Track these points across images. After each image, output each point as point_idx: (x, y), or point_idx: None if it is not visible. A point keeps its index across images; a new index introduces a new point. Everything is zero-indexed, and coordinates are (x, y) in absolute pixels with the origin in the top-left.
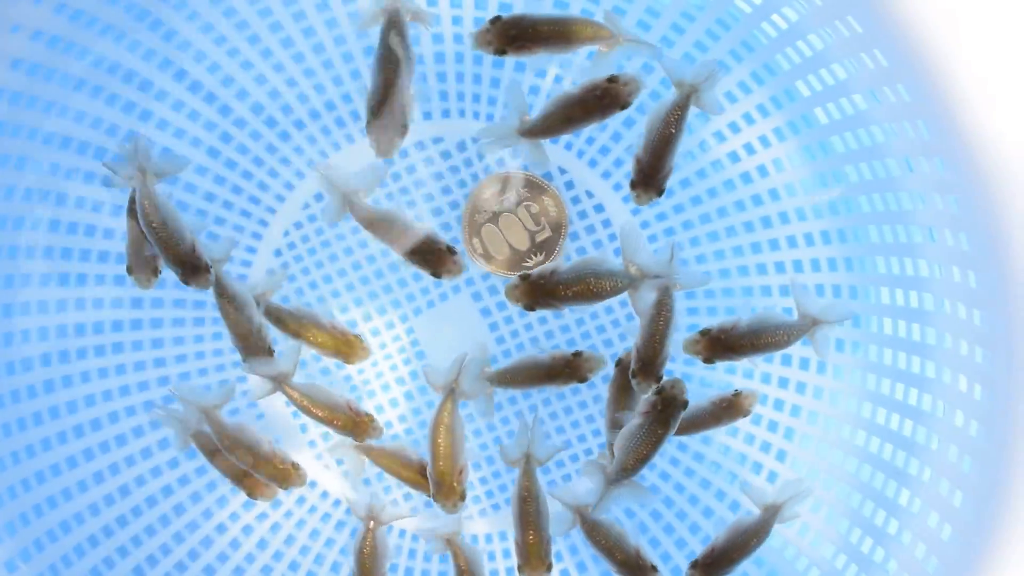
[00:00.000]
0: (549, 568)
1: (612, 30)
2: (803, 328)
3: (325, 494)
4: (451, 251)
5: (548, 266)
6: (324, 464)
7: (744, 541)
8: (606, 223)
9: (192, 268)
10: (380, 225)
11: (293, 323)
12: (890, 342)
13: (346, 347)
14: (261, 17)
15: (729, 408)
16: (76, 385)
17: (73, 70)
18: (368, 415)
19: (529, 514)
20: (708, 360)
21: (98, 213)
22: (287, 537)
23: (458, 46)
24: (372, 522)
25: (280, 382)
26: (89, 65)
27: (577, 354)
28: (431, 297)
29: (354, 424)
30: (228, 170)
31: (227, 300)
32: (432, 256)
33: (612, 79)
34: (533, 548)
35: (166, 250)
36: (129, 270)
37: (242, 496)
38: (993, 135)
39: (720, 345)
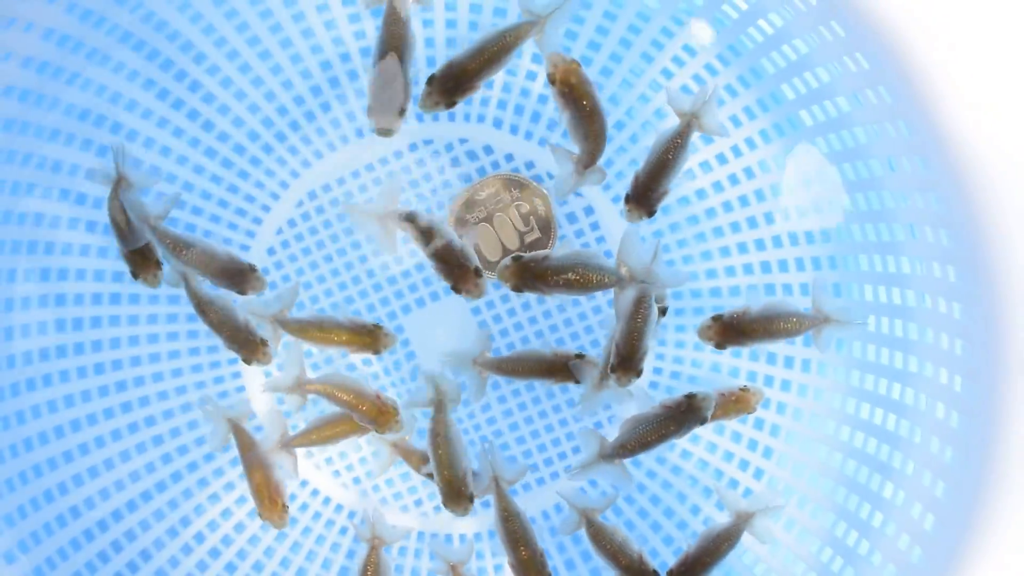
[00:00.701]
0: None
1: (530, 18)
2: (815, 321)
3: (316, 491)
4: (477, 273)
5: (541, 252)
6: (315, 464)
7: (715, 546)
8: (594, 225)
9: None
10: (431, 235)
11: (314, 330)
12: (873, 338)
13: (370, 338)
14: (262, 19)
15: (737, 403)
16: (72, 380)
17: (79, 68)
18: (394, 407)
19: (515, 532)
20: (720, 345)
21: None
22: (278, 533)
23: (450, 50)
24: (376, 540)
25: (301, 385)
26: (96, 64)
27: (580, 356)
28: (421, 295)
29: (378, 412)
30: (224, 169)
31: (205, 306)
32: (459, 271)
33: (551, 76)
34: (529, 563)
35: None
36: (134, 275)
37: (235, 493)
38: (969, 134)
39: (732, 330)
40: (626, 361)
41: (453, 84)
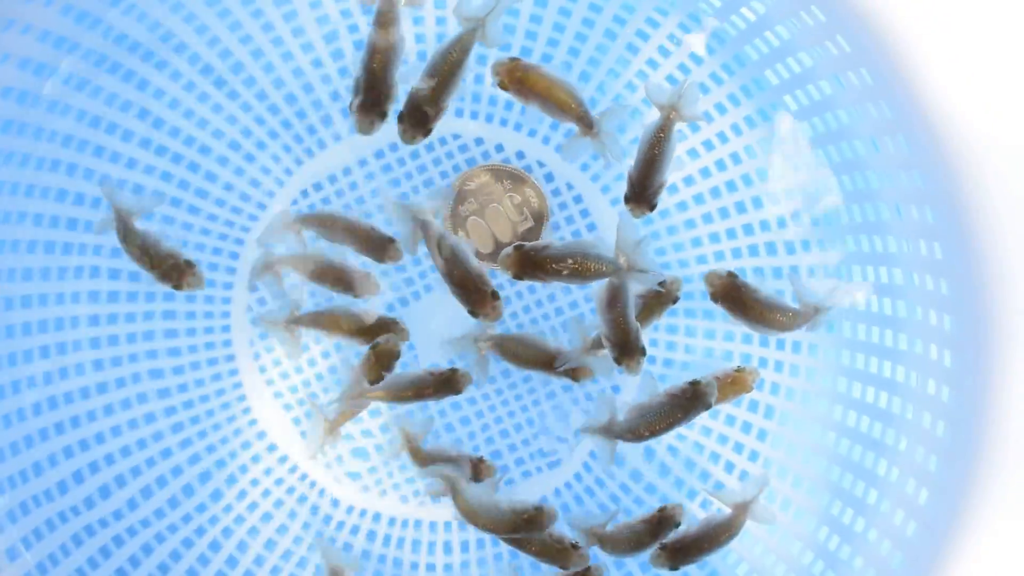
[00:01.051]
0: (576, 548)
1: (470, 24)
2: (807, 314)
3: (313, 483)
4: (494, 296)
5: (542, 241)
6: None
7: (715, 534)
8: (584, 213)
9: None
10: (452, 259)
11: (325, 320)
12: (863, 317)
13: (381, 331)
14: (254, 18)
15: (734, 384)
16: (71, 377)
17: (75, 69)
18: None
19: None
20: (714, 296)
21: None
22: (279, 526)
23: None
24: None
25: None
26: (92, 65)
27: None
28: (416, 288)
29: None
30: (220, 166)
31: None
32: (476, 295)
33: (502, 84)
34: (557, 546)
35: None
36: (177, 287)
37: (236, 488)
38: (950, 110)
39: (734, 293)
40: (624, 347)
41: (421, 115)
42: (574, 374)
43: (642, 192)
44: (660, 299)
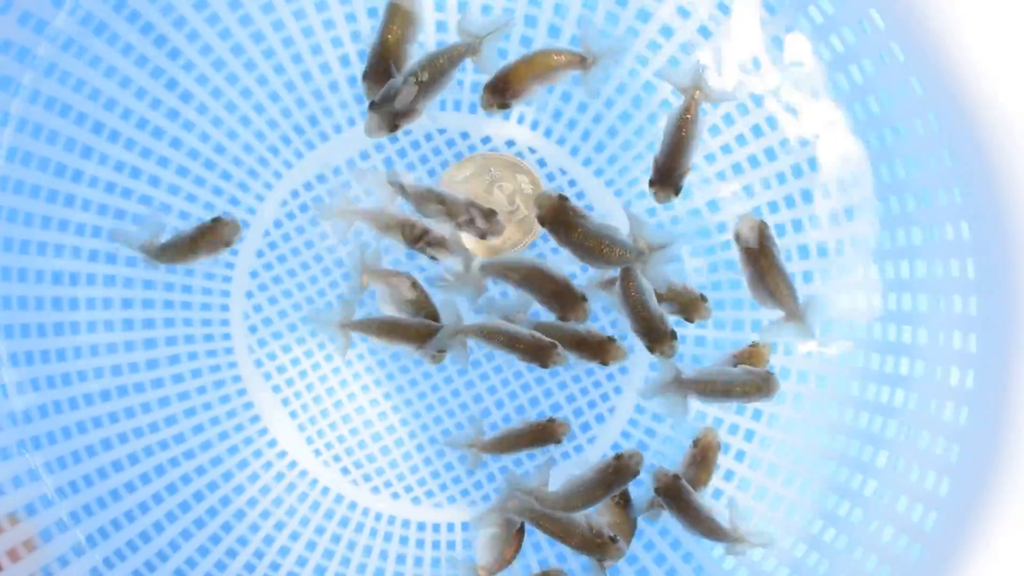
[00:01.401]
0: (615, 541)
1: (467, 39)
2: (796, 313)
3: (315, 481)
4: (584, 298)
5: (583, 209)
6: (323, 460)
7: (703, 521)
8: (579, 196)
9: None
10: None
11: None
12: (875, 257)
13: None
14: (235, 14)
15: (751, 359)
16: (74, 383)
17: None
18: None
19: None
20: (737, 235)
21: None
22: (292, 532)
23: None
24: None
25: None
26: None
27: (610, 339)
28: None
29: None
30: (218, 155)
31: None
32: (564, 299)
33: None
34: (596, 540)
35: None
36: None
37: (244, 496)
38: (960, 45)
39: (761, 240)
40: (652, 333)
41: (392, 113)
42: (603, 357)
43: (668, 176)
44: (688, 308)
